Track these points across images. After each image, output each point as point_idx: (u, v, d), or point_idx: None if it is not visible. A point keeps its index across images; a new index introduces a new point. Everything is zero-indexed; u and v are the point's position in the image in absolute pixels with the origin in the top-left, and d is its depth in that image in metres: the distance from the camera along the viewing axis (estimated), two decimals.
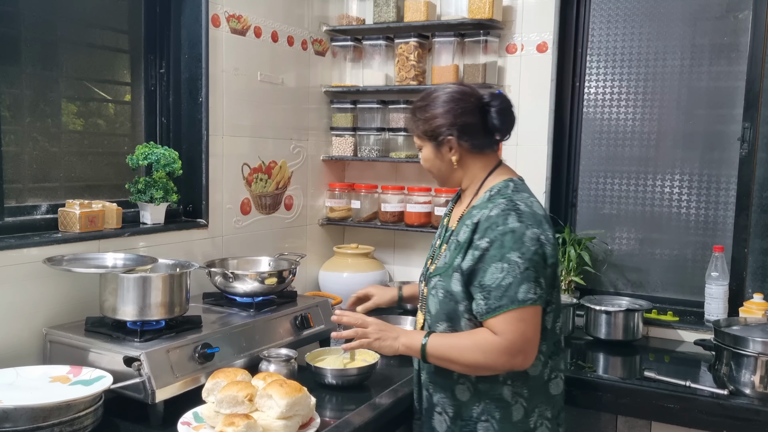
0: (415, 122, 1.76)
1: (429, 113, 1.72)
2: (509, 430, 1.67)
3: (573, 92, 2.80)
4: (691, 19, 2.64)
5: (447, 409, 1.73)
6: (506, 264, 1.56)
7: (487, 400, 1.68)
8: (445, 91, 1.74)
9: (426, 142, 1.75)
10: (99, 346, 1.71)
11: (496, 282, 1.56)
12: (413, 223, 2.86)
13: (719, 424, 1.96)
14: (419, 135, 1.76)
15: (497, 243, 1.58)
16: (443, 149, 1.74)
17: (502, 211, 1.61)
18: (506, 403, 1.67)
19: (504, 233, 1.58)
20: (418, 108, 1.76)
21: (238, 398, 1.54)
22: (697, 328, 2.50)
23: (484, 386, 1.68)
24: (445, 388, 1.73)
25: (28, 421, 1.39)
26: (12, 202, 1.95)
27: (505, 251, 1.57)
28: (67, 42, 2.12)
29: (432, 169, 1.79)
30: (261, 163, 2.65)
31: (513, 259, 1.56)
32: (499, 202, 1.63)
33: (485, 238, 1.60)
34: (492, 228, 1.60)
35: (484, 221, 1.62)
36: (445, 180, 1.81)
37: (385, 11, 2.85)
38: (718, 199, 2.63)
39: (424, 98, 1.76)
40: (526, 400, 1.68)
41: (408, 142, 2.92)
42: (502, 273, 1.56)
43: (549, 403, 1.72)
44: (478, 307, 1.60)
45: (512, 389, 1.67)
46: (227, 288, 2.11)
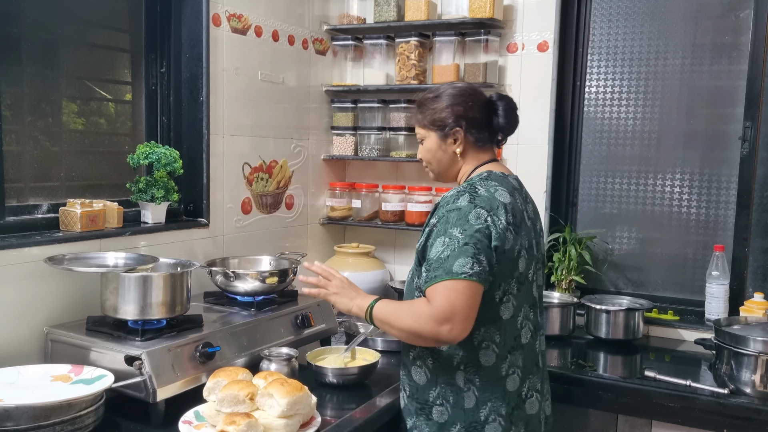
0: (423, 112, 1.80)
1: (438, 104, 1.77)
2: (460, 416, 1.68)
3: (574, 91, 2.80)
4: (692, 18, 2.64)
5: (405, 386, 1.78)
6: (447, 238, 1.60)
7: (443, 384, 1.70)
8: (455, 86, 1.80)
9: (431, 132, 1.79)
10: (100, 345, 1.71)
11: (437, 254, 1.60)
12: (414, 222, 2.86)
13: (720, 424, 1.96)
14: (425, 125, 1.80)
15: (443, 219, 1.64)
16: (448, 140, 1.78)
17: (457, 192, 1.68)
18: (458, 389, 1.68)
19: (450, 210, 1.64)
20: (426, 99, 1.80)
21: (239, 397, 1.54)
22: (697, 328, 2.50)
23: (439, 370, 1.70)
24: (405, 366, 1.78)
25: (29, 420, 1.40)
26: (13, 202, 1.96)
27: (448, 227, 1.61)
28: (67, 41, 2.12)
29: (432, 160, 1.82)
30: (262, 163, 2.65)
31: (454, 234, 1.60)
32: (459, 188, 1.70)
33: (435, 215, 1.68)
34: (443, 206, 1.67)
35: (441, 201, 1.71)
36: (442, 172, 1.84)
37: (386, 10, 2.85)
38: (718, 198, 2.63)
39: (433, 91, 1.81)
40: (478, 389, 1.68)
41: (409, 141, 2.92)
42: (443, 246, 1.60)
43: (504, 399, 1.68)
44: (421, 280, 1.68)
45: (464, 375, 1.68)
46: (228, 287, 2.11)
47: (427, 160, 1.84)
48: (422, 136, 1.82)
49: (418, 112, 1.82)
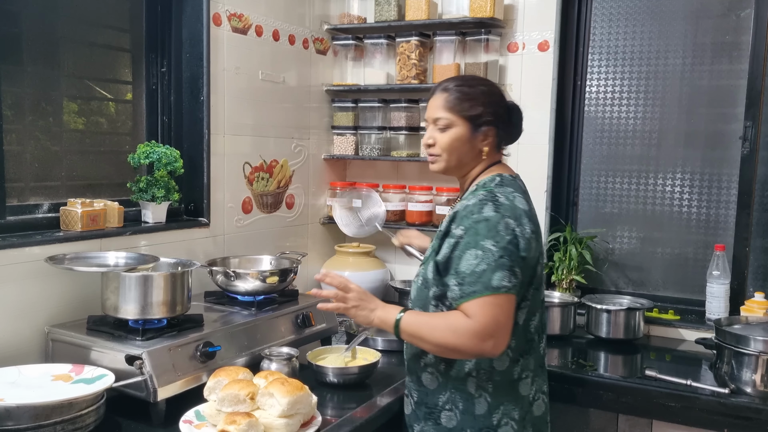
0: (459, 100, 1.70)
1: (477, 96, 1.71)
2: (470, 422, 1.66)
3: (574, 91, 2.80)
4: (693, 17, 2.64)
5: (412, 393, 1.75)
6: (480, 251, 1.56)
7: (452, 390, 1.68)
8: (489, 82, 1.79)
9: (462, 122, 1.71)
10: (101, 345, 1.71)
11: (470, 268, 1.56)
12: (414, 221, 2.86)
13: (720, 423, 1.96)
14: (458, 113, 1.70)
15: (471, 231, 1.59)
16: (479, 136, 1.72)
17: (479, 200, 1.63)
18: (469, 395, 1.67)
19: (478, 221, 1.59)
20: (463, 87, 1.72)
21: (239, 397, 1.54)
22: (698, 327, 2.50)
23: (450, 376, 1.68)
24: (413, 372, 1.75)
25: (30, 419, 1.40)
26: (14, 201, 1.96)
27: (479, 239, 1.57)
28: (68, 41, 2.12)
29: (452, 151, 1.72)
30: (262, 162, 2.66)
31: (487, 247, 1.56)
32: (479, 194, 1.65)
33: (461, 226, 1.61)
34: (467, 216, 1.61)
35: (461, 210, 1.64)
36: (456, 166, 1.75)
37: (387, 10, 2.85)
38: (719, 197, 2.63)
39: (470, 81, 1.76)
40: (491, 395, 1.66)
41: (409, 141, 2.92)
42: (476, 260, 1.56)
43: (517, 403, 1.68)
44: (452, 293, 1.60)
45: (476, 382, 1.66)
46: (229, 287, 2.11)
47: (446, 150, 1.72)
48: (449, 123, 1.71)
49: (451, 97, 1.71)
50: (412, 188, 2.91)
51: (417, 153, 2.88)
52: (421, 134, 2.83)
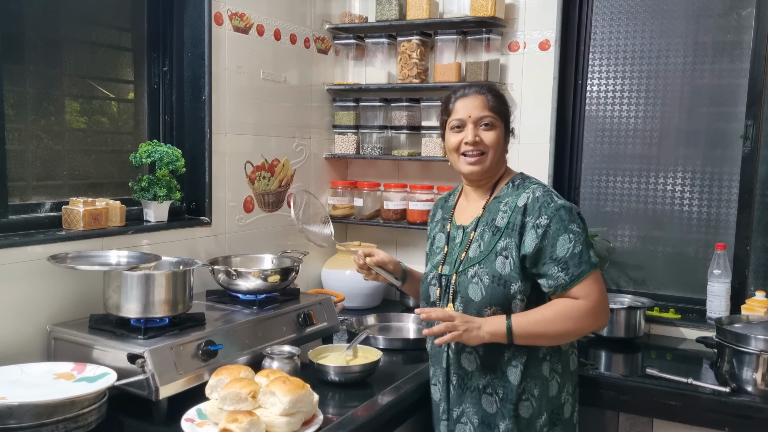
0: (500, 103, 1.84)
1: (508, 103, 1.88)
2: (546, 406, 1.76)
3: (575, 90, 2.80)
4: (694, 16, 2.64)
5: (497, 390, 1.77)
6: (570, 234, 1.69)
7: (528, 379, 1.74)
8: None
9: (501, 123, 1.83)
10: (103, 344, 1.72)
11: (569, 251, 1.68)
12: (415, 220, 2.87)
13: (721, 422, 1.96)
14: (499, 115, 1.83)
15: (556, 218, 1.70)
16: (508, 137, 1.88)
17: (544, 191, 1.75)
18: (545, 379, 1.76)
19: (557, 209, 1.71)
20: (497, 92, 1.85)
21: (241, 395, 1.54)
22: (699, 326, 2.50)
23: (529, 364, 1.74)
24: (495, 369, 1.77)
25: (32, 417, 1.40)
26: (16, 200, 1.96)
27: (566, 223, 1.69)
28: (70, 40, 2.13)
29: (497, 149, 1.82)
30: (264, 161, 2.66)
31: (575, 229, 1.70)
32: (534, 187, 1.78)
33: (542, 216, 1.71)
34: (544, 207, 1.71)
35: (532, 203, 1.73)
36: (493, 166, 1.83)
37: (388, 9, 2.85)
38: (720, 196, 2.62)
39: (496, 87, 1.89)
40: (560, 375, 1.78)
41: (410, 140, 2.92)
42: (571, 243, 1.68)
43: (570, 378, 1.83)
44: (557, 280, 1.68)
45: (550, 365, 1.77)
46: (230, 285, 2.11)
47: (492, 147, 1.81)
48: (494, 122, 1.82)
49: (491, 97, 1.82)
50: (413, 187, 2.92)
51: (418, 152, 2.89)
52: (423, 133, 2.84)
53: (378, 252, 2.02)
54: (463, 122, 1.81)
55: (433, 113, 2.83)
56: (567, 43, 2.77)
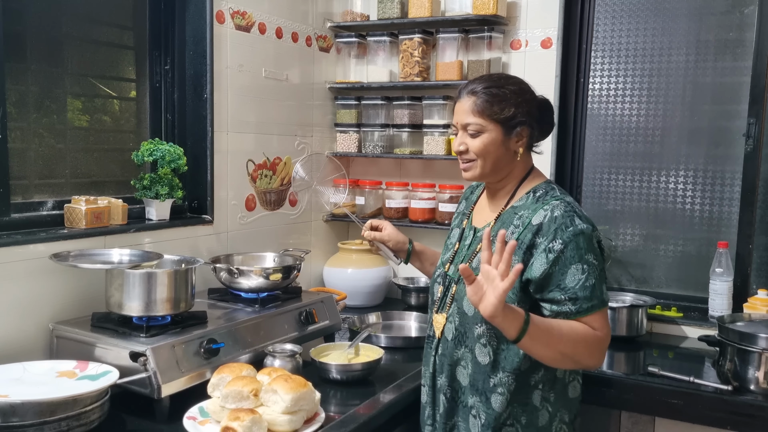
0: (489, 103, 1.65)
1: (506, 98, 1.66)
2: None
3: (577, 88, 2.79)
4: (697, 14, 2.63)
5: (480, 414, 1.67)
6: (585, 265, 1.55)
7: (515, 404, 1.64)
8: (516, 80, 1.71)
9: (495, 126, 1.65)
10: (105, 342, 1.72)
11: (580, 283, 1.54)
12: (417, 219, 2.87)
13: (723, 420, 1.96)
14: (489, 117, 1.65)
15: (572, 244, 1.55)
16: (513, 138, 1.67)
17: (564, 211, 1.59)
18: (534, 408, 1.65)
19: (576, 234, 1.56)
20: (491, 88, 1.66)
21: (243, 393, 1.54)
22: (701, 324, 2.50)
23: (517, 391, 1.64)
24: (481, 392, 1.67)
25: (35, 415, 1.40)
26: (18, 199, 1.96)
27: (582, 252, 1.55)
28: (72, 39, 2.13)
29: (487, 156, 1.67)
30: (266, 160, 2.66)
31: (591, 261, 1.56)
32: (556, 204, 1.61)
33: (557, 240, 1.56)
34: (561, 229, 1.57)
35: (549, 223, 1.58)
36: (492, 171, 1.70)
37: (390, 7, 2.85)
38: (722, 195, 2.62)
39: (497, 81, 1.68)
40: (552, 404, 1.66)
41: (412, 138, 2.92)
42: (584, 274, 1.55)
43: (567, 406, 1.70)
44: (561, 308, 1.56)
45: (541, 394, 1.66)
46: (232, 284, 2.12)
47: (479, 155, 1.67)
48: (480, 128, 1.66)
49: (479, 101, 1.65)
50: (415, 185, 2.92)
51: (420, 150, 2.88)
52: (425, 132, 2.84)
53: (386, 226, 2.04)
54: (455, 127, 1.72)
55: (434, 111, 2.83)
56: (569, 41, 2.76)
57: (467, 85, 1.71)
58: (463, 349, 1.70)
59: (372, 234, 2.02)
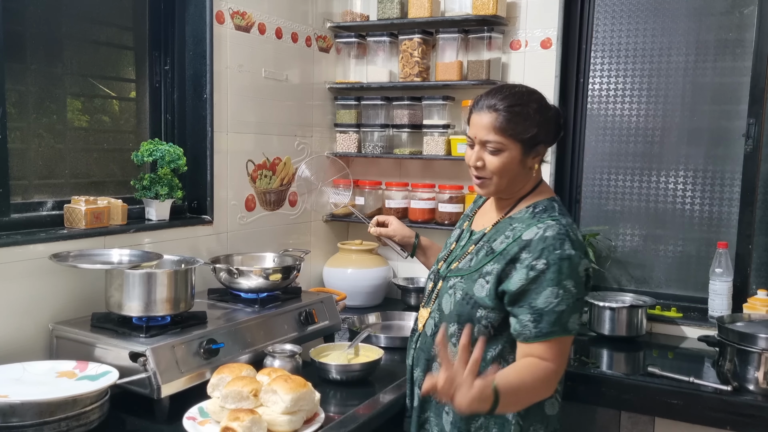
0: (513, 123, 1.60)
1: (529, 118, 1.62)
2: None
3: (577, 88, 2.80)
4: (696, 14, 2.63)
5: (448, 409, 1.69)
6: (561, 290, 1.53)
7: (486, 416, 1.64)
8: (537, 97, 1.67)
9: (515, 145, 1.62)
10: (105, 342, 1.72)
11: (550, 306, 1.53)
12: (417, 219, 2.86)
13: (723, 421, 1.96)
14: (510, 137, 1.61)
15: (554, 267, 1.54)
16: (530, 156, 1.65)
17: (557, 233, 1.57)
18: (505, 421, 1.64)
19: (562, 258, 1.54)
20: (514, 107, 1.61)
21: (243, 393, 1.54)
22: (701, 325, 2.50)
23: None
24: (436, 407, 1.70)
25: (35, 415, 1.40)
26: (18, 199, 1.96)
27: (562, 277, 1.54)
28: (72, 39, 2.13)
29: (505, 174, 1.65)
30: (265, 160, 2.66)
31: (568, 287, 1.54)
32: (551, 224, 1.59)
33: (542, 259, 1.55)
34: (549, 250, 1.55)
35: (538, 241, 1.57)
36: (506, 188, 1.69)
37: (389, 7, 2.85)
38: (722, 195, 2.62)
39: (520, 98, 1.64)
40: (523, 418, 1.65)
41: (412, 138, 2.92)
42: (557, 299, 1.53)
43: (543, 422, 1.69)
44: (524, 328, 1.55)
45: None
46: (232, 284, 2.12)
47: (497, 173, 1.64)
48: (501, 146, 1.61)
49: (502, 118, 1.60)
50: (415, 186, 2.92)
51: (419, 150, 2.88)
52: (424, 132, 2.84)
53: (391, 222, 2.10)
54: (473, 140, 1.66)
55: (434, 112, 2.83)
56: (569, 41, 2.77)
57: (487, 97, 1.65)
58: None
59: (378, 230, 2.08)
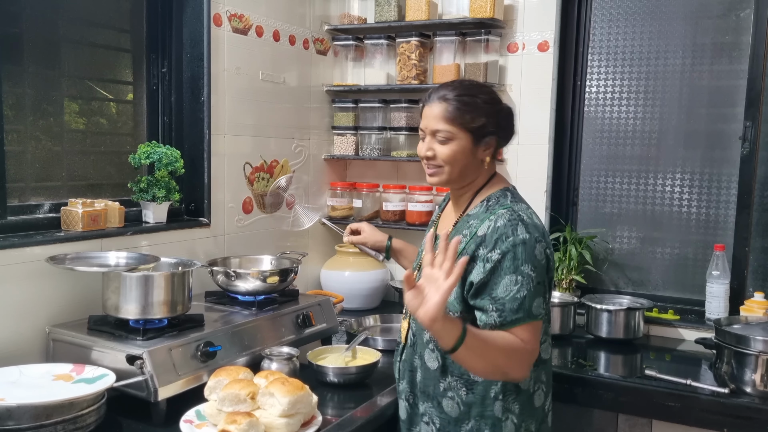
0: (461, 111, 1.63)
1: (478, 108, 1.64)
2: None
3: (574, 91, 2.80)
4: (693, 17, 2.64)
5: (434, 420, 1.68)
6: (520, 276, 1.53)
7: (477, 417, 1.63)
8: (487, 90, 1.70)
9: (464, 134, 1.64)
10: (102, 345, 1.72)
11: (510, 294, 1.53)
12: (414, 222, 2.87)
13: (720, 423, 1.96)
14: (460, 126, 1.64)
15: (510, 254, 1.54)
16: (481, 147, 1.67)
17: (508, 221, 1.57)
18: (497, 420, 1.62)
19: (515, 244, 1.54)
20: (463, 96, 1.64)
21: (240, 396, 1.54)
22: (698, 327, 2.50)
23: (473, 401, 1.63)
24: (432, 397, 1.68)
25: (31, 419, 1.40)
26: (15, 201, 1.96)
27: (518, 263, 1.53)
28: (69, 41, 2.13)
29: (454, 163, 1.66)
30: (263, 162, 2.66)
31: (526, 272, 1.54)
32: (501, 213, 1.60)
33: (496, 249, 1.55)
34: (502, 239, 1.55)
35: (492, 233, 1.57)
36: (458, 178, 1.69)
37: (387, 10, 2.85)
38: (719, 197, 2.63)
39: (469, 90, 1.67)
40: (517, 416, 1.64)
41: (410, 141, 2.92)
42: (516, 285, 1.53)
43: (533, 416, 1.68)
44: (489, 318, 1.54)
45: (503, 404, 1.63)
46: (229, 286, 2.11)
47: (447, 162, 1.66)
48: (450, 135, 1.64)
49: (451, 108, 1.63)
50: (412, 188, 2.92)
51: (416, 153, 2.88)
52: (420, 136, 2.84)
53: (364, 229, 2.16)
54: (424, 132, 1.70)
55: None
56: (566, 44, 2.77)
57: (438, 90, 1.69)
58: (416, 356, 1.72)
59: (350, 238, 2.16)
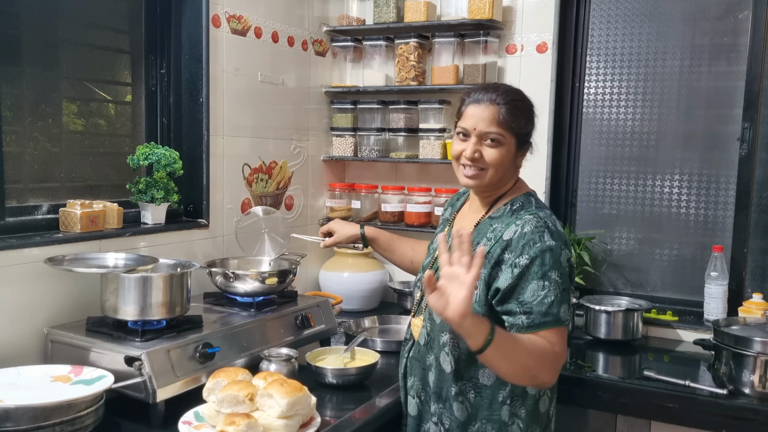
0: (514, 116, 1.64)
1: (529, 113, 1.69)
2: None
3: (573, 92, 2.81)
4: (691, 19, 2.64)
5: (443, 420, 1.69)
6: (547, 282, 1.54)
7: (483, 420, 1.64)
8: (525, 95, 1.72)
9: (512, 139, 1.65)
10: (100, 346, 1.71)
11: (538, 298, 1.53)
12: (413, 223, 2.87)
13: (718, 424, 1.97)
14: (511, 130, 1.64)
15: (538, 260, 1.55)
16: (520, 153, 1.70)
17: (535, 227, 1.58)
18: (503, 424, 1.63)
19: (543, 250, 1.55)
20: (515, 101, 1.66)
21: (238, 397, 1.54)
22: (696, 328, 2.51)
23: (480, 405, 1.65)
24: (444, 399, 1.69)
25: (29, 420, 1.40)
26: (13, 202, 1.96)
27: (546, 269, 1.54)
28: (68, 42, 2.13)
29: (499, 168, 1.66)
30: (261, 164, 2.66)
31: (553, 278, 1.55)
32: (528, 219, 1.61)
33: (524, 255, 1.56)
34: (530, 245, 1.56)
35: (518, 238, 1.58)
36: (496, 183, 1.69)
37: (386, 12, 2.85)
38: (717, 199, 2.63)
39: (518, 94, 1.69)
40: (523, 421, 1.65)
41: (408, 142, 2.92)
42: (544, 290, 1.54)
43: (538, 421, 1.69)
44: (516, 320, 1.55)
45: (510, 409, 1.64)
46: (228, 288, 2.11)
47: (494, 166, 1.65)
48: (501, 139, 1.64)
49: (504, 111, 1.63)
50: (411, 189, 2.92)
51: (416, 154, 2.89)
52: (421, 136, 2.85)
53: (335, 228, 2.20)
54: (468, 132, 1.66)
55: (430, 115, 2.84)
56: (564, 45, 2.78)
57: (483, 92, 1.67)
58: (431, 356, 1.72)
59: (325, 243, 2.22)
